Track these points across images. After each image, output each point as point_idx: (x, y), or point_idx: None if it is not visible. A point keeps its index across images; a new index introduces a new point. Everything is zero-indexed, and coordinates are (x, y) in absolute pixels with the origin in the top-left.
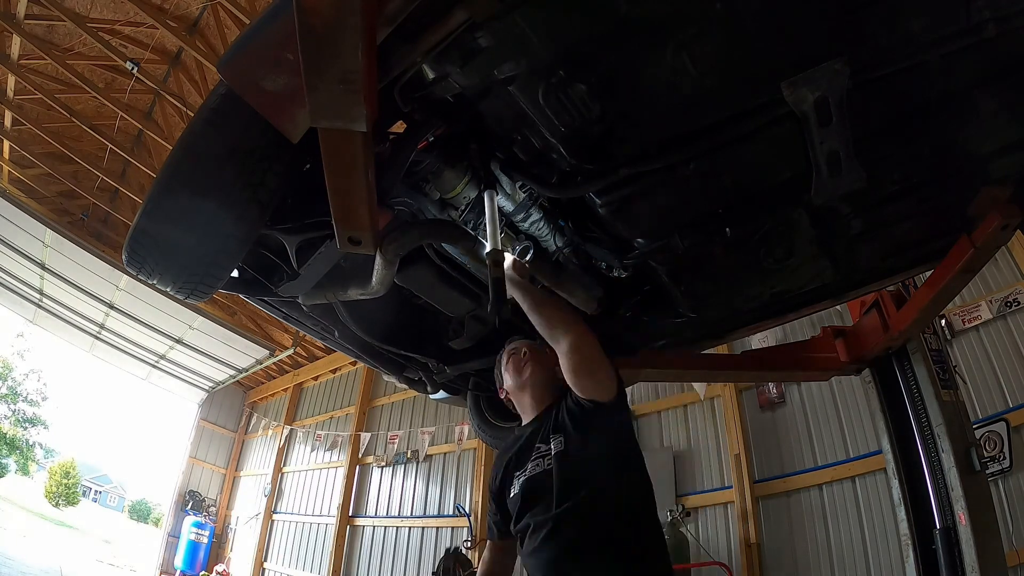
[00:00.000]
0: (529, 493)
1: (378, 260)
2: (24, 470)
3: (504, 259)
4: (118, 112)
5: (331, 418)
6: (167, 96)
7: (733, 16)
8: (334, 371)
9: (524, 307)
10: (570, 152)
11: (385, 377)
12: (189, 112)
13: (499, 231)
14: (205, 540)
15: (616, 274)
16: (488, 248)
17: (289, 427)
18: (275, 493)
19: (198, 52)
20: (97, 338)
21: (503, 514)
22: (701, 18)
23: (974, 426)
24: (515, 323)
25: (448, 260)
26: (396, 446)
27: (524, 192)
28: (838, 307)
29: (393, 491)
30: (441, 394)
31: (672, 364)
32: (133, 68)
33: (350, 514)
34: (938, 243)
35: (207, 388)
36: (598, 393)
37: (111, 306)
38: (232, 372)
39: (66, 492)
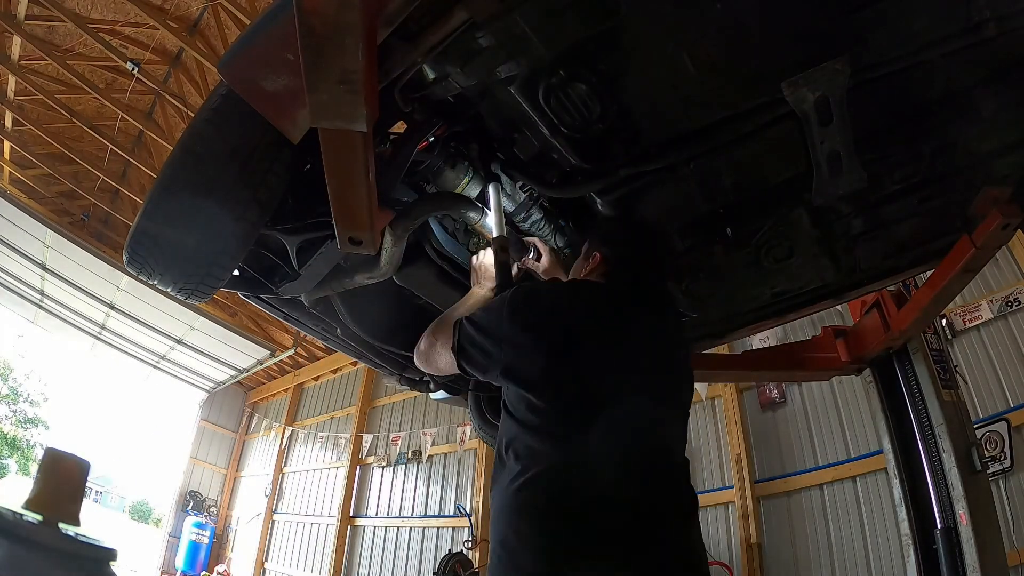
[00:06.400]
0: None
1: (387, 238)
2: (25, 470)
3: (509, 245)
4: (119, 112)
5: (332, 418)
6: (167, 96)
7: (733, 16)
8: (335, 371)
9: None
10: (570, 152)
11: (385, 380)
12: (189, 112)
13: (503, 220)
14: (206, 540)
15: None
16: (495, 234)
17: (290, 427)
18: (276, 493)
19: (198, 52)
20: (98, 339)
21: None
22: (701, 18)
23: (975, 426)
24: None
25: (448, 260)
26: (398, 447)
27: (524, 192)
28: (838, 307)
29: (394, 491)
30: (441, 394)
31: None
32: (133, 69)
33: (351, 514)
34: (939, 243)
35: (208, 388)
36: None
37: (112, 306)
38: (233, 372)
39: None
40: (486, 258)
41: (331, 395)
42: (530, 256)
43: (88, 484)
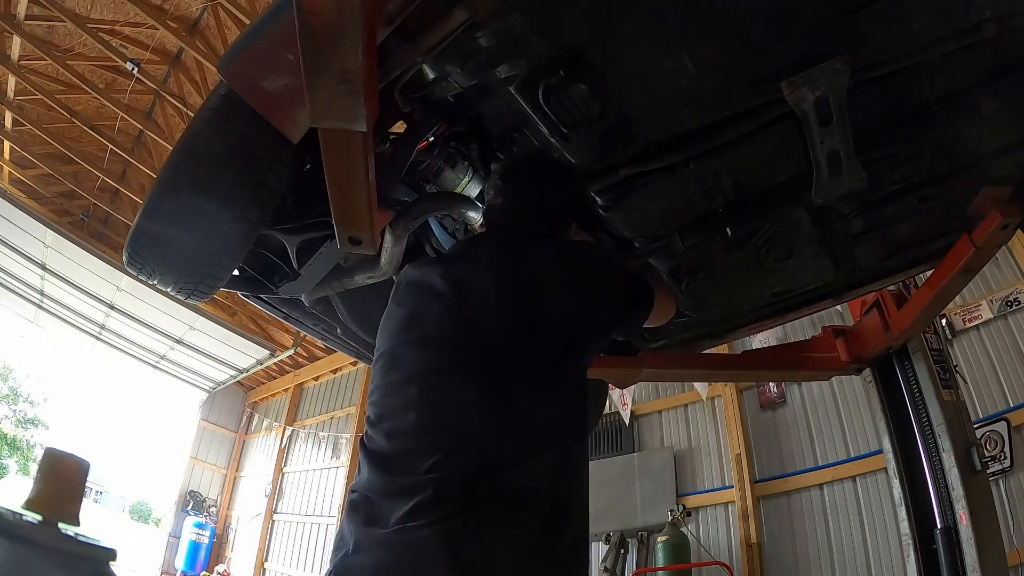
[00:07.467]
0: None
1: (387, 238)
2: (25, 470)
3: None
4: (118, 112)
5: (332, 418)
6: (167, 96)
7: (733, 16)
8: (335, 371)
9: None
10: (570, 152)
11: None
12: (189, 112)
13: None
14: (206, 540)
15: None
16: None
17: (290, 427)
18: (276, 493)
19: (198, 52)
20: (98, 338)
21: None
22: (701, 18)
23: (975, 426)
24: None
25: None
26: None
27: None
28: (838, 307)
29: None
30: None
31: (672, 364)
32: (133, 69)
33: None
34: (939, 243)
35: (208, 388)
36: None
37: (112, 307)
38: (233, 372)
39: None
40: None
41: (331, 395)
42: None
43: (88, 484)
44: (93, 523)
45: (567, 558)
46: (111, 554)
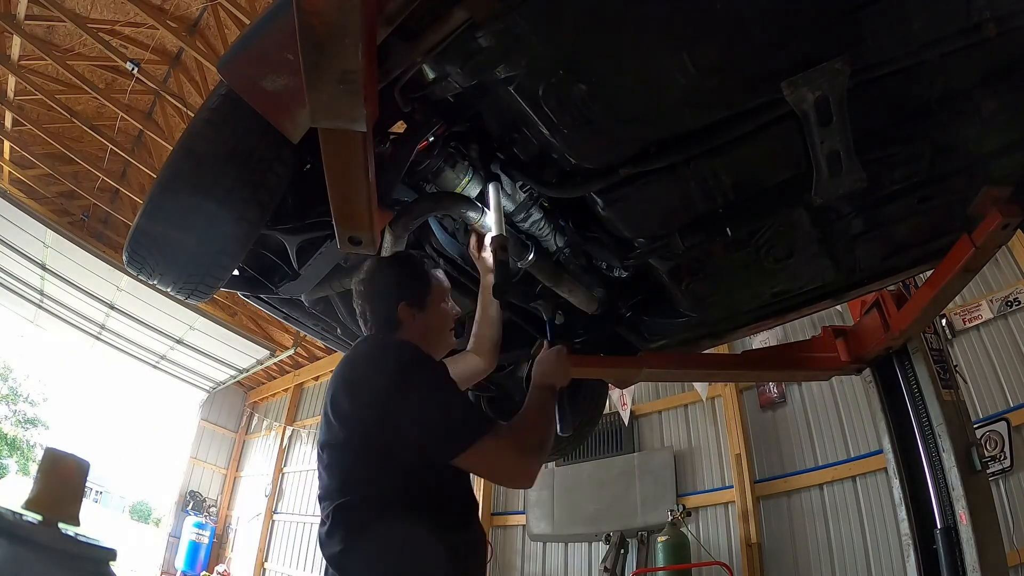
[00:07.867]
0: None
1: (387, 238)
2: (25, 470)
3: (508, 243)
4: (118, 112)
5: None
6: (167, 96)
7: (733, 16)
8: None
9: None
10: (570, 152)
11: None
12: (189, 112)
13: (503, 220)
14: (206, 540)
15: (617, 274)
16: (494, 233)
17: (290, 427)
18: (276, 493)
19: (198, 52)
20: (98, 339)
21: None
22: (701, 18)
23: (975, 426)
24: (517, 305)
25: (448, 260)
26: None
27: (524, 192)
28: (838, 307)
29: None
30: None
31: (672, 364)
32: (133, 69)
33: None
34: (939, 243)
35: (208, 388)
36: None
37: (112, 306)
38: (233, 372)
39: None
40: (484, 251)
41: None
42: (530, 256)
43: (88, 484)
44: (93, 523)
45: None
46: (111, 554)
